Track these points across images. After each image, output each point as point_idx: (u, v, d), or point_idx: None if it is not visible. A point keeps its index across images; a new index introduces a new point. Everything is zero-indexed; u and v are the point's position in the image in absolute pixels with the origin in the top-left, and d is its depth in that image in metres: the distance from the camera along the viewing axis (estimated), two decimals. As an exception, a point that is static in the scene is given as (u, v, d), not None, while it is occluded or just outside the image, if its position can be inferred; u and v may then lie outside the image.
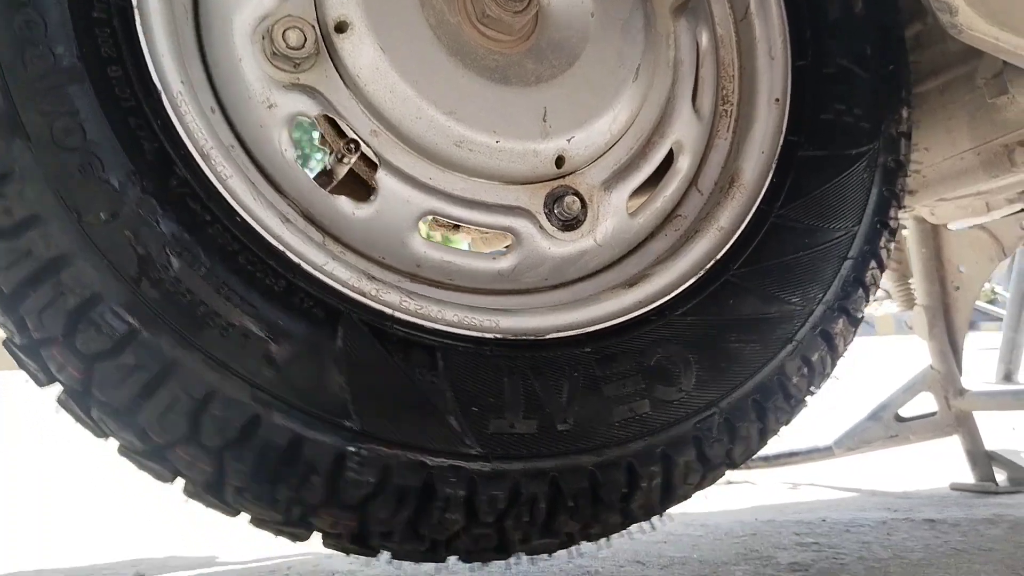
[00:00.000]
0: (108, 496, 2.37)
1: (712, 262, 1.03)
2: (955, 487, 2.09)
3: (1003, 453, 2.10)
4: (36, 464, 3.05)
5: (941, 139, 1.35)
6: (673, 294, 1.01)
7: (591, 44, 1.03)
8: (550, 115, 0.99)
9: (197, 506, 0.88)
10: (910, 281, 2.12)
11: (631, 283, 1.02)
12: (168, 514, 2.08)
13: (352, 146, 0.93)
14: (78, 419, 0.83)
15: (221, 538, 1.78)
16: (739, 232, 1.06)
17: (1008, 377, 2.84)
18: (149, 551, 1.73)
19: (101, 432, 0.82)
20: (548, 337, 0.93)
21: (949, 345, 2.06)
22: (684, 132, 1.12)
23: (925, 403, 2.11)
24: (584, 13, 1.04)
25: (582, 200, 1.03)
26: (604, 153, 1.05)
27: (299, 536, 0.87)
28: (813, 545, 1.46)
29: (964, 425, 2.07)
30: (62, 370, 0.77)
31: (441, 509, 0.84)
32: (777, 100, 1.12)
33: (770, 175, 1.08)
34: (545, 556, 0.98)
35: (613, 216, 1.05)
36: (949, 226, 1.87)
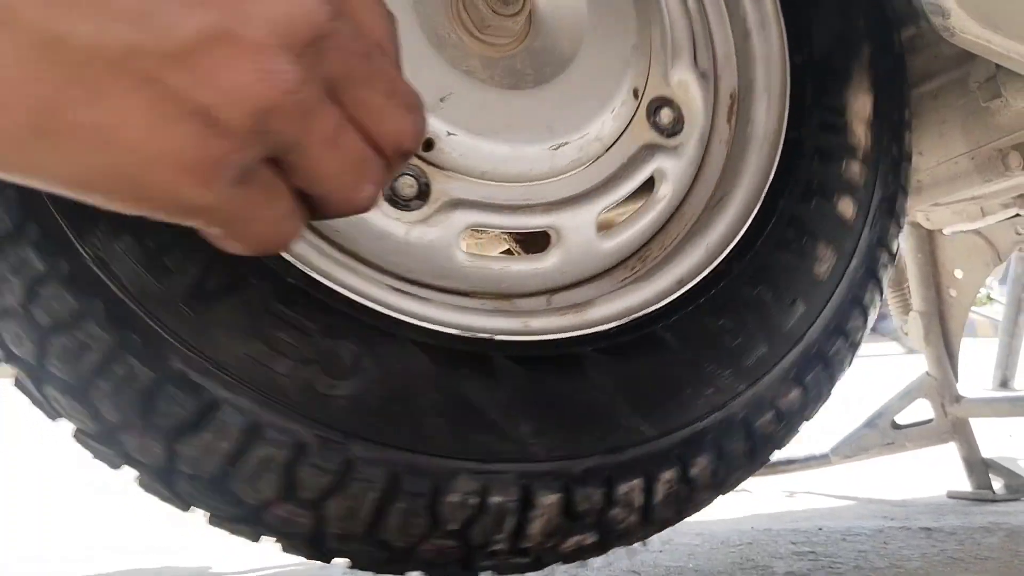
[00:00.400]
0: (101, 506, 2.35)
1: (493, 337, 0.88)
2: (952, 495, 2.08)
3: (1000, 461, 2.09)
4: (31, 475, 3.03)
5: (935, 143, 1.35)
6: (430, 328, 0.85)
7: (543, 89, 0.97)
8: (451, 99, 0.91)
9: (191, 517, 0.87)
10: (905, 287, 2.12)
11: (403, 282, 0.90)
12: (161, 524, 2.07)
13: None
14: None
15: (215, 548, 1.77)
16: (549, 337, 0.91)
17: (1005, 384, 2.83)
18: (143, 561, 1.72)
19: None
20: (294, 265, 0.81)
21: (945, 351, 2.06)
22: (569, 233, 0.99)
23: (922, 410, 2.11)
24: (561, 69, 0.98)
25: (425, 193, 0.92)
26: (477, 179, 0.95)
27: None
28: (809, 554, 1.45)
29: (961, 432, 2.06)
30: None
31: (82, 340, 0.74)
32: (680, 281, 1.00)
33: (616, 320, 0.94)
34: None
35: (442, 232, 0.92)
36: (944, 231, 1.87)
